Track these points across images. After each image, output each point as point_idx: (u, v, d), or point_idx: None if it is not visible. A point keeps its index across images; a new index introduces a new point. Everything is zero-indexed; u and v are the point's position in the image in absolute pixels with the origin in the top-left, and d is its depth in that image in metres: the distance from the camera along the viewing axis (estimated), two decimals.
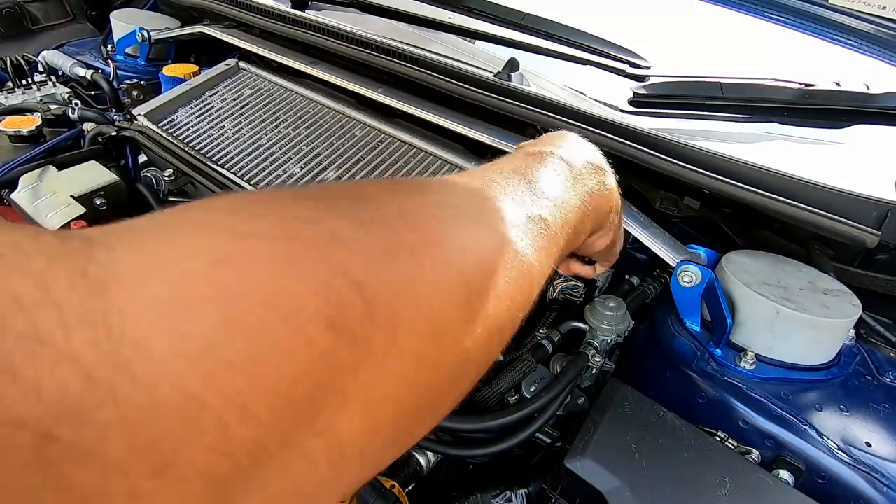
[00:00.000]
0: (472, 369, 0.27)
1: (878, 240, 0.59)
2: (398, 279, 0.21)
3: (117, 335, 0.14)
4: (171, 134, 0.88)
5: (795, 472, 0.51)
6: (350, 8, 1.00)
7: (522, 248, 0.29)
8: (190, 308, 0.16)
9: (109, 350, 0.14)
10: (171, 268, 0.17)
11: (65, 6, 1.42)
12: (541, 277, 0.31)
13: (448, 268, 0.24)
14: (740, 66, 0.81)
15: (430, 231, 0.25)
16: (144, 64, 1.17)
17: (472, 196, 0.30)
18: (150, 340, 0.15)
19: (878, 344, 0.65)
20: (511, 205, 0.30)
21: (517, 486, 0.57)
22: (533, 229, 0.31)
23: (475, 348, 0.25)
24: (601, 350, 0.61)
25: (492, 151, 0.78)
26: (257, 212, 0.20)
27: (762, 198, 0.62)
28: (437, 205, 0.27)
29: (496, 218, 0.29)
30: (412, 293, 0.22)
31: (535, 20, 0.84)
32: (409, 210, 0.25)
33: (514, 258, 0.28)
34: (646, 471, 0.49)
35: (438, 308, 0.23)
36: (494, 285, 0.26)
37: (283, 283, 0.18)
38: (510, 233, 0.28)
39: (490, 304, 0.26)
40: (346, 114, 0.90)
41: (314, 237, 0.20)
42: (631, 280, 0.71)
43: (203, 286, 0.16)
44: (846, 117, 0.74)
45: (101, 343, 0.14)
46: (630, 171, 0.77)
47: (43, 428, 0.13)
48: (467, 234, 0.26)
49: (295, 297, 0.18)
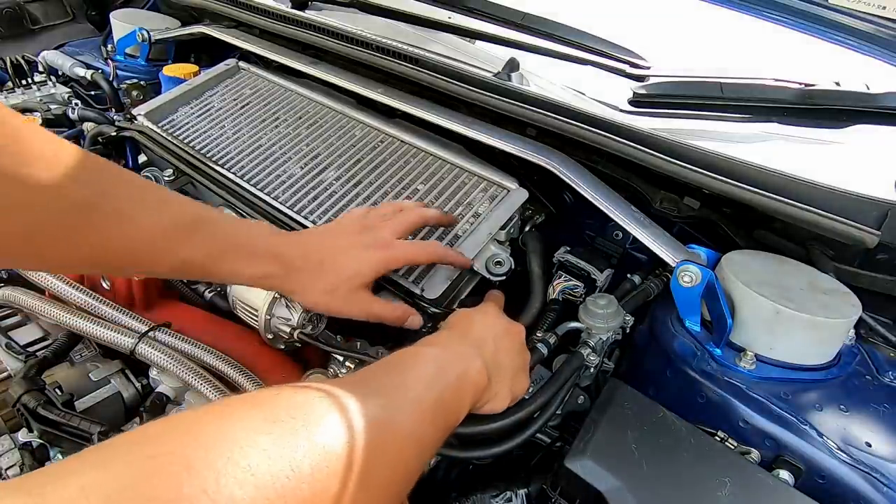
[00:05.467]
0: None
1: (878, 240, 0.59)
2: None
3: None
4: (171, 134, 0.88)
5: (795, 472, 0.51)
6: (350, 8, 1.00)
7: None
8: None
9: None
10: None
11: (65, 6, 1.42)
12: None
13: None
14: (740, 66, 0.80)
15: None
16: (144, 64, 1.17)
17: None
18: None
19: (878, 344, 0.65)
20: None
21: (517, 486, 0.58)
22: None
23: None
24: (597, 349, 0.61)
25: (492, 152, 0.78)
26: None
27: (762, 198, 0.62)
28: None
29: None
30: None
31: (535, 20, 0.84)
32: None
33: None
34: (646, 471, 0.49)
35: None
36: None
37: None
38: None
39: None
40: (346, 114, 0.90)
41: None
42: (632, 279, 0.71)
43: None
44: (846, 117, 0.74)
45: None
46: (630, 171, 0.77)
47: None
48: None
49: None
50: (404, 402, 0.40)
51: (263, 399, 0.33)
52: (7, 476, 0.58)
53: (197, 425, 0.29)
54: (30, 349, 0.69)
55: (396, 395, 0.40)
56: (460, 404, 0.46)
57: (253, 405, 0.32)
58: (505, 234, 0.72)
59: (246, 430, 0.29)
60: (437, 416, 0.42)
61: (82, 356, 0.70)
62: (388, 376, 0.42)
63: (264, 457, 0.28)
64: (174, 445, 0.27)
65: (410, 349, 0.48)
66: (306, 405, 0.33)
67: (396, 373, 0.43)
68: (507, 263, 0.67)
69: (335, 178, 0.79)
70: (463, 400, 0.46)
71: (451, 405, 0.45)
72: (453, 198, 0.75)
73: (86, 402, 0.64)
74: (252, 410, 0.31)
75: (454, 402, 0.45)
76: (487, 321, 0.55)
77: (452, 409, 0.45)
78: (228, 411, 0.31)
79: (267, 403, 0.32)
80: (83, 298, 0.67)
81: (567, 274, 0.72)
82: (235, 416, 0.30)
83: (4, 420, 0.62)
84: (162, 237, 0.47)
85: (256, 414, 0.31)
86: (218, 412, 0.31)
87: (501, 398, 0.51)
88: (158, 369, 0.66)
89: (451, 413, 0.45)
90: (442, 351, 0.48)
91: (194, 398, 0.65)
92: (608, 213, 0.67)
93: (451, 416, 0.45)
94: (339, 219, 0.64)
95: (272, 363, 0.67)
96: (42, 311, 0.67)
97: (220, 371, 0.64)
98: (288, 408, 0.32)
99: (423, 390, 0.42)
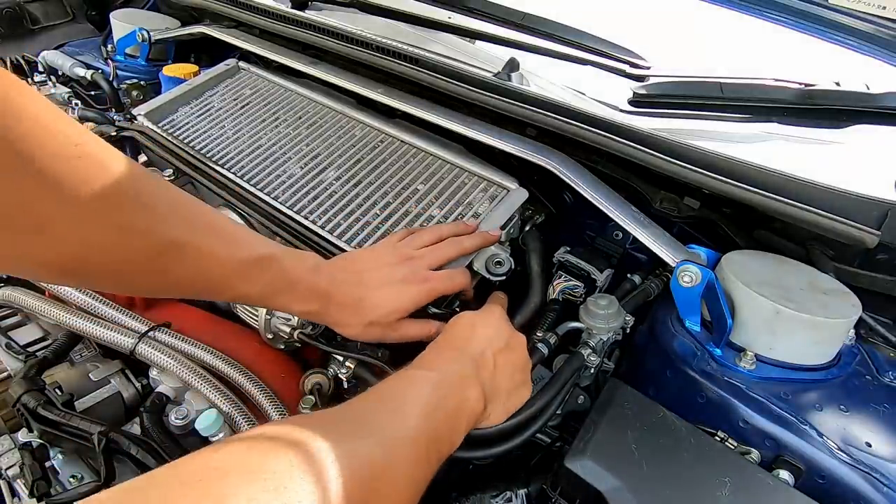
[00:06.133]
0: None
1: (878, 240, 0.59)
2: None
3: None
4: (171, 134, 0.88)
5: (795, 472, 0.51)
6: (350, 8, 1.00)
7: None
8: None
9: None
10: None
11: (65, 6, 1.42)
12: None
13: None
14: (740, 66, 0.80)
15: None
16: (144, 64, 1.17)
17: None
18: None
19: (878, 344, 0.65)
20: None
21: (517, 486, 0.58)
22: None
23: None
24: (598, 349, 0.60)
25: (492, 152, 0.78)
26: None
27: (762, 198, 0.62)
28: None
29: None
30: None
31: (535, 20, 0.84)
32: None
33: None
34: (646, 471, 0.49)
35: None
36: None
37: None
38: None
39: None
40: (346, 114, 0.90)
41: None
42: (633, 279, 0.71)
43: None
44: (846, 117, 0.74)
45: None
46: (630, 171, 0.77)
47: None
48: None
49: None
50: (400, 442, 0.39)
51: (239, 469, 0.31)
52: (7, 476, 0.58)
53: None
54: (30, 349, 0.69)
55: (393, 432, 0.40)
56: (456, 436, 0.46)
57: (229, 476, 0.31)
58: (505, 234, 0.72)
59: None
60: (432, 451, 0.42)
61: (82, 356, 0.70)
62: (384, 411, 0.42)
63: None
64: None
65: (406, 374, 0.48)
66: (287, 471, 0.32)
67: (393, 405, 0.42)
68: (507, 263, 0.68)
69: (335, 178, 0.79)
70: (458, 431, 0.46)
71: (446, 437, 0.44)
72: (453, 198, 0.75)
73: (86, 402, 0.64)
74: (231, 485, 0.30)
75: (450, 434, 0.45)
76: (489, 332, 0.55)
77: (447, 441, 0.45)
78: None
79: (243, 473, 0.31)
80: (83, 298, 0.67)
81: (567, 274, 0.72)
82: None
83: (4, 420, 0.62)
84: (231, 273, 0.49)
85: (236, 489, 0.30)
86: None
87: (495, 417, 0.52)
88: (158, 369, 0.66)
89: (446, 445, 0.45)
90: (440, 378, 0.47)
91: (194, 398, 0.65)
92: (608, 213, 0.67)
93: (446, 449, 0.45)
94: (378, 246, 0.64)
95: (272, 363, 0.67)
96: (42, 311, 0.67)
97: (220, 371, 0.64)
98: (266, 478, 0.31)
99: (419, 424, 0.41)
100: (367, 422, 0.40)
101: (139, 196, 0.42)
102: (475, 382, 0.49)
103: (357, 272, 0.59)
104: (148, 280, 0.46)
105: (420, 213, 0.74)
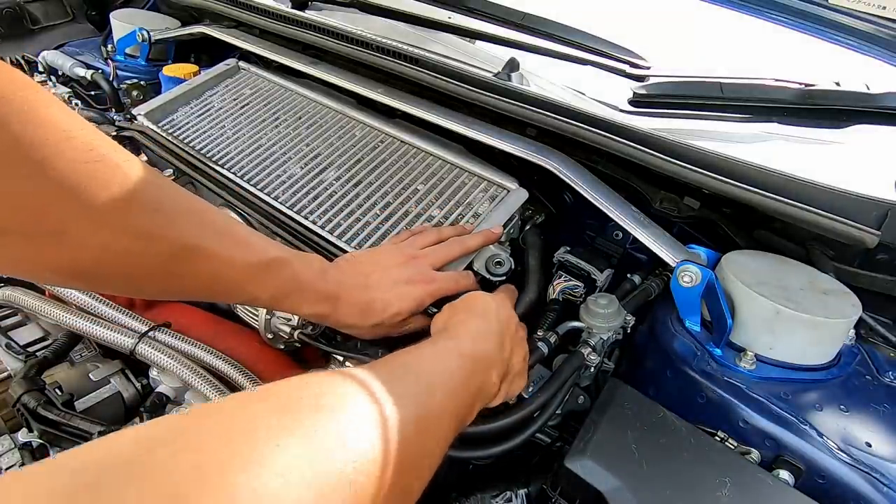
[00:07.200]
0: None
1: (878, 240, 0.59)
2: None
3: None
4: (171, 134, 0.88)
5: (795, 472, 0.51)
6: (350, 8, 1.00)
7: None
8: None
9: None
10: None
11: (65, 6, 1.42)
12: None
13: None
14: (740, 66, 0.80)
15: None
16: (144, 64, 1.17)
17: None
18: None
19: (878, 344, 0.65)
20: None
21: (517, 486, 0.58)
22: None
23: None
24: (598, 348, 0.60)
25: (492, 152, 0.78)
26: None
27: (762, 198, 0.62)
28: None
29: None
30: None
31: (535, 20, 0.84)
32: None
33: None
34: (646, 471, 0.49)
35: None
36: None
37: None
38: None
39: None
40: (346, 114, 0.90)
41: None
42: (633, 279, 0.71)
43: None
44: (846, 117, 0.74)
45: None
46: (630, 171, 0.77)
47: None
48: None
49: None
50: (431, 410, 0.38)
51: (288, 394, 0.31)
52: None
53: (226, 438, 0.26)
54: (30, 349, 0.69)
55: (427, 399, 0.38)
56: (471, 415, 0.45)
57: (277, 401, 0.30)
58: (505, 234, 0.72)
59: (276, 439, 0.27)
60: (452, 427, 0.41)
61: (82, 356, 0.70)
62: (418, 382, 0.39)
63: (303, 461, 0.26)
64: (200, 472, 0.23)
65: (436, 346, 0.46)
66: (344, 396, 0.32)
67: (424, 375, 0.41)
68: (507, 263, 0.68)
69: (335, 178, 0.79)
70: (474, 410, 0.46)
71: (465, 415, 0.44)
72: (453, 198, 0.75)
73: (86, 402, 0.64)
74: (275, 406, 0.29)
75: (467, 413, 0.44)
76: (503, 315, 0.54)
77: (463, 419, 0.44)
78: (254, 414, 0.28)
79: (293, 400, 0.30)
80: (83, 298, 0.67)
81: (567, 274, 0.72)
82: (263, 421, 0.28)
83: (4, 420, 0.62)
84: (243, 277, 0.49)
85: (281, 413, 0.29)
86: (245, 417, 0.28)
87: (498, 399, 0.51)
88: (158, 369, 0.66)
89: (462, 422, 0.43)
90: (470, 353, 0.46)
91: (194, 398, 0.65)
92: (608, 213, 0.67)
93: (461, 425, 0.43)
94: (382, 248, 0.65)
95: (272, 363, 0.67)
96: (42, 311, 0.67)
97: (220, 371, 0.64)
98: (317, 401, 0.30)
99: (447, 399, 0.40)
100: (405, 385, 0.37)
101: (154, 201, 0.42)
102: (499, 362, 0.49)
103: (363, 274, 0.59)
104: (160, 283, 0.46)
105: (420, 213, 0.74)
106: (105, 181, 0.38)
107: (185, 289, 0.48)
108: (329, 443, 0.28)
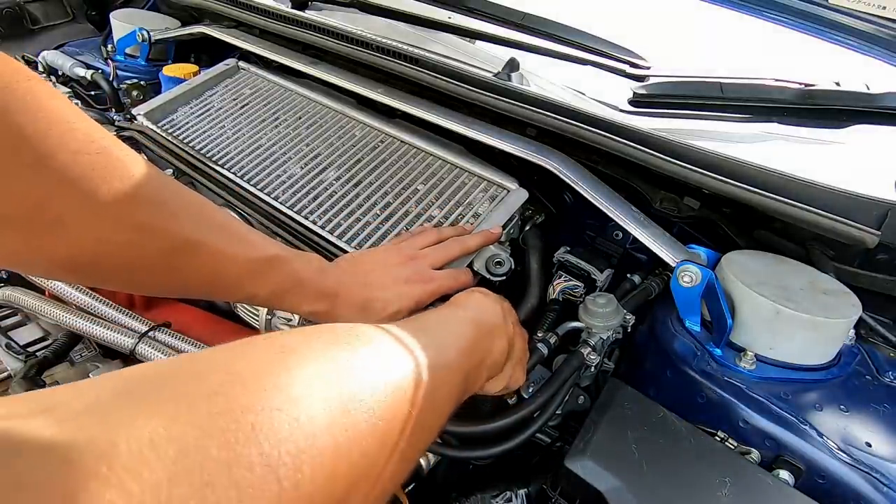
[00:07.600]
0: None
1: (878, 240, 0.59)
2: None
3: None
4: (171, 134, 0.88)
5: (795, 472, 0.51)
6: (350, 8, 1.00)
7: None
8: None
9: None
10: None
11: (65, 6, 1.42)
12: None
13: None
14: (740, 66, 0.80)
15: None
16: (144, 64, 1.17)
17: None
18: None
19: (878, 344, 0.65)
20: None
21: (517, 487, 0.57)
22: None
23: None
24: (597, 348, 0.60)
25: (492, 152, 0.78)
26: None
27: (762, 198, 0.62)
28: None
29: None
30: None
31: (535, 20, 0.84)
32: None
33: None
34: (646, 471, 0.49)
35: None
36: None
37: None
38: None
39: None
40: (346, 114, 0.90)
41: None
42: (632, 279, 0.71)
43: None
44: (846, 117, 0.74)
45: None
46: (630, 171, 0.77)
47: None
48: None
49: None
50: (449, 364, 0.39)
51: (321, 329, 0.32)
52: None
53: (262, 372, 0.26)
54: (30, 349, 0.69)
55: (444, 352, 0.39)
56: (479, 379, 0.45)
57: (316, 340, 0.30)
58: (505, 234, 0.72)
59: (312, 361, 0.27)
60: (461, 388, 0.41)
61: (82, 356, 0.70)
62: (434, 339, 0.39)
63: (333, 378, 0.27)
64: (238, 403, 0.23)
65: (441, 313, 0.47)
66: (374, 335, 0.33)
67: (437, 335, 0.41)
68: (507, 263, 0.68)
69: (335, 178, 0.79)
70: (481, 376, 0.46)
71: (473, 379, 0.44)
72: (453, 198, 0.75)
73: None
74: (315, 343, 0.30)
75: (476, 376, 0.44)
76: (503, 302, 0.55)
77: (472, 381, 0.44)
78: (291, 350, 0.28)
79: (328, 336, 0.31)
80: (83, 298, 0.67)
81: (567, 274, 0.72)
82: (300, 358, 0.28)
83: None
84: (243, 273, 0.49)
85: (321, 348, 0.29)
86: (280, 352, 0.28)
87: (499, 383, 0.51)
88: None
89: (471, 384, 0.44)
90: (476, 317, 0.47)
91: None
92: (608, 213, 0.67)
93: (469, 388, 0.43)
94: (382, 248, 0.65)
95: None
96: (42, 311, 0.67)
97: None
98: (351, 338, 0.31)
99: (459, 357, 0.41)
100: (427, 336, 0.38)
101: (155, 195, 0.42)
102: (503, 332, 0.49)
103: (363, 273, 0.59)
104: (160, 279, 0.46)
105: (420, 213, 0.74)
106: (107, 173, 0.38)
107: (184, 284, 0.48)
108: (359, 370, 0.29)
